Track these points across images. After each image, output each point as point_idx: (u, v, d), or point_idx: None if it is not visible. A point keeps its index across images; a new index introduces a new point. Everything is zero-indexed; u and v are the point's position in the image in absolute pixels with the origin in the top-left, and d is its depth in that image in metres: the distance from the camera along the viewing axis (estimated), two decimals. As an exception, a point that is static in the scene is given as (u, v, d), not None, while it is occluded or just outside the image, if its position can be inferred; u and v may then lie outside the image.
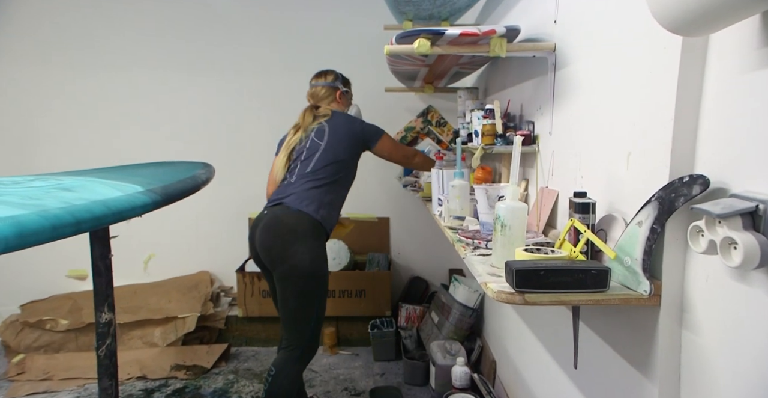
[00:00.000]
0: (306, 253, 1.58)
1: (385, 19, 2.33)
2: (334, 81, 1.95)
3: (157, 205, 1.03)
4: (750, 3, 0.53)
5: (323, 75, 1.97)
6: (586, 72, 1.17)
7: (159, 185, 1.14)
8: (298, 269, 1.57)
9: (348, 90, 2.01)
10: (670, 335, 0.82)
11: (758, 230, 0.61)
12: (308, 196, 1.69)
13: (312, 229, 1.63)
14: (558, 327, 1.37)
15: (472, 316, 2.29)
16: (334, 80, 1.96)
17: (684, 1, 0.59)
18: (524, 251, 0.96)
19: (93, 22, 2.69)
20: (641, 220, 0.84)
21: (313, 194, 1.70)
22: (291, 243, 1.59)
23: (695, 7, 0.58)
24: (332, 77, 1.96)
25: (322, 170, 1.75)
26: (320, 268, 1.62)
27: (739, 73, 0.69)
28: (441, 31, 1.31)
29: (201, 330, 2.54)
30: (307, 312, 1.59)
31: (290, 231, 1.61)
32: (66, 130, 2.76)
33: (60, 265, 2.74)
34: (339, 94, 1.96)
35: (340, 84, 1.96)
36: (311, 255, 1.59)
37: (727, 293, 0.70)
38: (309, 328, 1.60)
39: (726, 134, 0.72)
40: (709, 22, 0.59)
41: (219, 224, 2.85)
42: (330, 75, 1.96)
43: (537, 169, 1.52)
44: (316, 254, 1.61)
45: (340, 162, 1.78)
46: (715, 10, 0.56)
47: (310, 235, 1.62)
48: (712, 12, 0.56)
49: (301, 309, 1.59)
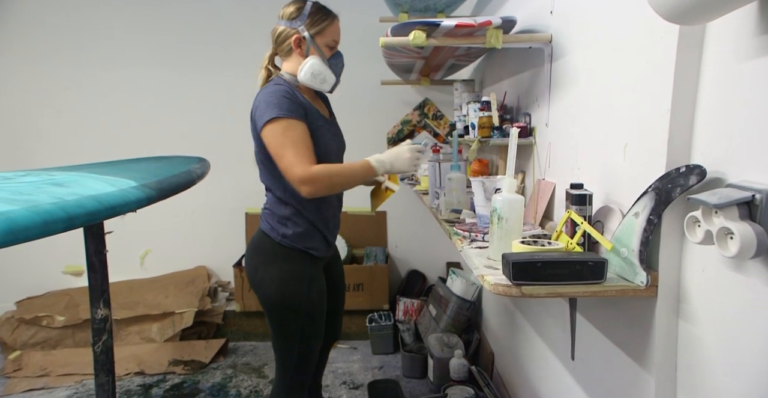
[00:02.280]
0: (270, 281, 1.28)
1: (380, 12, 2.31)
2: (291, 19, 1.25)
3: (151, 200, 1.02)
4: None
5: (286, 6, 1.28)
6: (583, 63, 1.16)
7: (153, 180, 1.13)
8: (267, 301, 1.30)
9: (315, 32, 1.24)
10: (667, 326, 0.82)
11: (755, 220, 0.61)
12: (265, 209, 1.35)
13: (277, 251, 1.29)
14: (555, 318, 1.37)
15: (469, 309, 2.30)
16: (291, 18, 1.25)
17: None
18: (521, 243, 0.96)
19: (88, 19, 2.66)
20: (638, 211, 0.84)
21: (265, 205, 1.36)
22: (254, 269, 1.32)
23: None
24: (292, 11, 1.25)
25: (262, 174, 1.33)
26: (292, 298, 1.27)
27: (736, 62, 0.68)
28: (437, 23, 1.30)
29: (199, 325, 2.54)
30: (287, 348, 1.31)
31: (255, 254, 1.33)
32: (62, 126, 2.74)
33: (56, 261, 2.73)
34: (294, 42, 1.25)
35: (300, 22, 1.24)
36: (277, 284, 1.27)
37: (723, 283, 0.70)
38: (291, 364, 1.31)
39: (723, 124, 0.71)
40: (706, 10, 0.58)
41: (216, 219, 2.84)
42: (291, 6, 1.27)
43: (534, 161, 1.51)
44: (283, 280, 1.28)
45: (264, 164, 1.29)
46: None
47: (274, 259, 1.29)
48: None
49: (281, 343, 1.32)
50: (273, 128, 1.17)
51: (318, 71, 1.25)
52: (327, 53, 1.29)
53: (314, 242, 1.32)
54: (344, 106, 2.12)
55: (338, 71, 1.33)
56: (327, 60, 1.28)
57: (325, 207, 1.34)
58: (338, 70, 1.33)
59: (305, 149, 1.17)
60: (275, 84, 1.25)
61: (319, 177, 1.15)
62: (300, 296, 1.28)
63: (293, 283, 1.28)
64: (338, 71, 1.33)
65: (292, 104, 1.19)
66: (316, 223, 1.32)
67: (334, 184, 1.20)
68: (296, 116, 1.19)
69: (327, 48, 1.29)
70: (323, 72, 1.27)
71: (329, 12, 1.30)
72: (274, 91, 1.21)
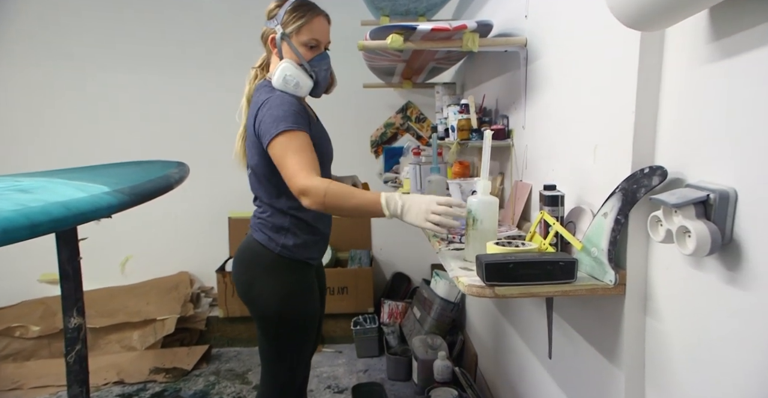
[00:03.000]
0: (270, 295, 1.23)
1: (362, 15, 2.32)
2: (270, 18, 1.21)
3: (124, 205, 1.01)
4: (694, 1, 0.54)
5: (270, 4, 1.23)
6: (555, 66, 1.18)
7: (128, 185, 1.12)
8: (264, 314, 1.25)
9: (291, 31, 1.17)
10: (635, 323, 0.84)
11: (710, 219, 0.62)
12: (258, 219, 1.28)
13: (277, 263, 1.24)
14: (533, 318, 1.39)
15: (453, 310, 2.31)
16: (270, 16, 1.21)
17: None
18: (496, 244, 0.97)
19: (69, 26, 2.62)
20: (606, 211, 0.86)
21: (259, 214, 1.28)
22: (250, 282, 1.26)
23: (647, 2, 0.59)
24: (272, 8, 1.21)
25: (257, 184, 1.26)
26: (293, 310, 1.24)
27: (691, 68, 0.70)
28: (413, 27, 1.31)
29: (181, 331, 2.51)
30: (279, 360, 1.27)
31: (250, 267, 1.27)
32: (44, 131, 2.69)
33: (31, 269, 2.67)
34: (271, 42, 1.21)
35: (277, 21, 1.18)
36: (278, 297, 1.23)
37: (684, 280, 0.72)
38: (281, 377, 1.28)
39: (682, 126, 0.74)
40: (661, 17, 0.60)
41: (198, 223, 2.82)
42: (272, 3, 1.22)
43: (512, 163, 1.53)
44: (285, 293, 1.23)
45: (258, 175, 1.23)
46: (665, 5, 0.57)
47: (273, 271, 1.24)
48: (663, 7, 0.57)
49: (273, 356, 1.27)
50: (281, 140, 1.10)
51: (290, 76, 1.16)
52: (306, 54, 1.19)
53: (314, 251, 1.30)
54: (327, 109, 2.11)
55: (321, 74, 1.22)
56: (307, 62, 1.19)
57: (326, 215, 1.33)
58: (321, 73, 1.22)
59: (309, 159, 1.10)
60: (268, 91, 1.18)
61: (319, 192, 1.04)
62: (300, 308, 1.25)
63: (295, 295, 1.24)
64: (321, 74, 1.22)
65: (298, 116, 1.14)
66: (324, 229, 1.31)
67: (332, 207, 1.06)
68: (303, 127, 1.14)
69: (305, 48, 1.18)
70: (296, 76, 1.17)
71: (309, 9, 1.19)
72: (281, 102, 1.14)
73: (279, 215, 1.23)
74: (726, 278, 0.63)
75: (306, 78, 1.19)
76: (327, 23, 1.24)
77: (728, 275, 0.63)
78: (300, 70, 1.18)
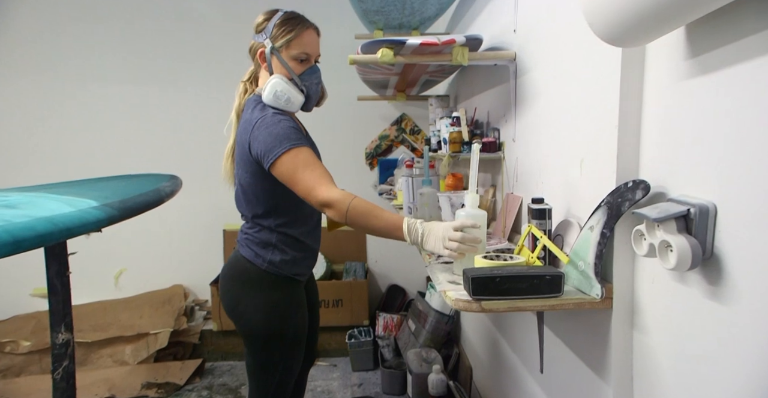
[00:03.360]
0: (256, 311, 1.21)
1: (356, 29, 2.35)
2: (259, 32, 1.19)
3: (113, 220, 1.00)
4: (667, 19, 0.55)
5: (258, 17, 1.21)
6: (543, 80, 1.20)
7: (117, 199, 1.12)
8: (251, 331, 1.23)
9: (280, 45, 1.15)
10: (623, 337, 0.83)
11: (691, 233, 0.63)
12: (245, 235, 1.27)
13: (263, 279, 1.22)
14: (526, 332, 1.38)
15: (448, 323, 2.29)
16: (259, 30, 1.19)
17: (614, 15, 0.61)
18: (483, 258, 0.97)
19: (62, 37, 2.64)
20: (593, 225, 0.86)
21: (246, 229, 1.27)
22: (236, 298, 1.24)
23: (623, 19, 0.60)
24: (260, 22, 1.19)
25: (244, 201, 1.26)
26: (280, 327, 1.22)
27: (671, 83, 0.71)
28: (402, 41, 1.33)
29: (174, 345, 2.48)
30: (266, 376, 1.25)
31: (236, 283, 1.25)
32: (38, 145, 2.69)
33: (23, 284, 2.64)
34: (260, 57, 1.19)
35: (266, 35, 1.16)
36: (264, 313, 1.21)
37: (669, 294, 0.72)
38: (269, 393, 1.26)
39: (663, 141, 0.74)
40: (637, 34, 0.61)
41: (193, 236, 2.81)
42: (261, 17, 1.20)
43: (503, 175, 1.54)
44: (272, 309, 1.22)
45: (247, 192, 1.22)
46: (638, 22, 0.58)
47: (259, 287, 1.22)
48: (637, 24, 0.58)
49: (260, 372, 1.26)
50: (287, 158, 1.08)
51: (281, 91, 1.14)
52: (297, 68, 1.17)
53: (302, 267, 1.27)
54: (322, 121, 2.13)
55: (312, 88, 1.21)
56: (297, 76, 1.18)
57: (316, 226, 1.31)
58: (312, 87, 1.21)
59: (323, 172, 1.09)
60: (260, 108, 1.16)
61: (344, 204, 1.03)
62: (287, 324, 1.22)
63: (282, 312, 1.22)
64: (312, 88, 1.21)
65: (298, 133, 1.13)
66: (312, 244, 1.29)
67: (354, 221, 1.04)
68: (305, 143, 1.12)
69: (295, 62, 1.17)
70: (287, 92, 1.15)
71: (298, 22, 1.17)
72: (277, 121, 1.12)
73: (266, 232, 1.22)
74: (708, 293, 0.63)
75: (297, 93, 1.18)
76: (317, 36, 1.22)
77: (710, 289, 0.63)
78: (290, 86, 1.16)
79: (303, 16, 1.22)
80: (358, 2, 1.94)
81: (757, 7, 0.56)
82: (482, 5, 1.76)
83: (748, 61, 0.57)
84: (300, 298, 1.28)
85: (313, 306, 1.46)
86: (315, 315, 1.50)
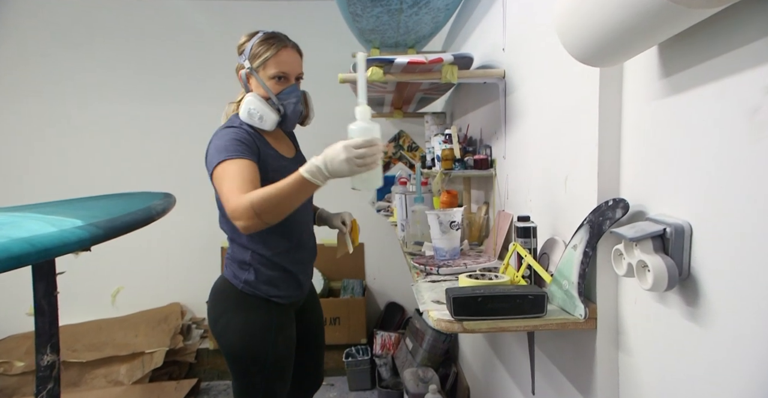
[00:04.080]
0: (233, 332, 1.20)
1: (353, 46, 2.38)
2: (240, 53, 1.22)
3: (97, 239, 1.00)
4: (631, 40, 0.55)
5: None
6: (529, 98, 1.20)
7: (104, 218, 1.12)
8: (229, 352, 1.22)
9: (257, 65, 1.18)
10: (608, 358, 0.81)
11: (667, 253, 0.62)
12: (227, 255, 1.28)
13: (240, 299, 1.21)
14: (518, 352, 1.35)
15: (445, 342, 2.26)
16: (240, 52, 1.22)
17: (582, 36, 0.62)
18: (468, 277, 0.96)
19: (57, 56, 2.69)
20: (576, 243, 0.85)
21: (229, 251, 1.27)
22: (216, 318, 1.24)
23: (590, 41, 0.60)
24: (241, 43, 1.22)
25: (220, 220, 1.26)
26: (257, 349, 1.19)
27: (647, 102, 0.71)
28: (391, 60, 1.35)
29: (170, 365, 2.46)
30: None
31: (216, 302, 1.25)
32: (32, 162, 2.73)
33: (19, 302, 2.60)
34: (239, 77, 1.23)
35: (245, 57, 1.19)
36: (239, 334, 1.19)
37: (651, 314, 0.70)
38: None
39: (642, 159, 0.74)
40: (607, 55, 0.61)
41: (191, 254, 2.81)
42: (242, 38, 1.23)
43: (495, 192, 1.53)
44: (246, 331, 1.19)
45: (221, 210, 1.22)
46: (607, 44, 0.58)
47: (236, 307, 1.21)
48: (606, 46, 0.59)
49: (242, 393, 1.24)
50: (218, 171, 1.09)
51: (254, 109, 1.16)
52: (274, 87, 1.18)
53: (281, 289, 1.23)
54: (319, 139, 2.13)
55: (290, 107, 1.21)
56: (275, 95, 1.18)
57: (295, 247, 1.25)
58: (290, 106, 1.21)
59: (240, 182, 1.05)
60: (227, 126, 1.19)
61: (246, 207, 0.99)
62: (265, 347, 1.19)
63: (258, 334, 1.19)
64: (290, 107, 1.21)
65: (240, 145, 1.12)
66: (288, 265, 1.24)
67: (264, 211, 0.99)
68: (244, 156, 1.11)
69: (273, 81, 1.18)
70: (260, 110, 1.16)
71: (274, 42, 1.18)
72: (224, 133, 1.15)
73: (241, 251, 1.22)
74: (686, 314, 0.62)
75: (270, 112, 1.18)
76: (297, 55, 1.22)
77: (689, 310, 0.62)
78: (264, 104, 1.17)
79: (283, 35, 1.22)
80: (354, 22, 1.98)
81: (725, 28, 0.56)
82: (474, 24, 1.79)
83: (717, 81, 0.57)
84: (281, 321, 1.24)
85: (310, 328, 1.42)
86: (314, 336, 1.45)
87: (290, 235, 1.24)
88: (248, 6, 2.73)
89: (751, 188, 0.52)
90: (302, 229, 1.29)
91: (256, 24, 2.62)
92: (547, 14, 1.05)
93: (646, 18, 0.50)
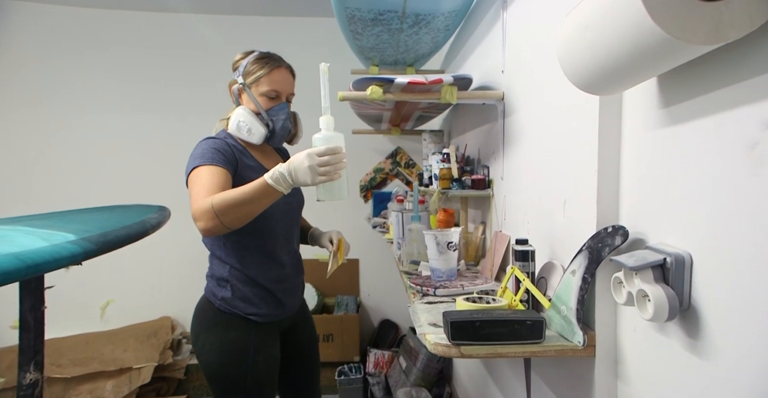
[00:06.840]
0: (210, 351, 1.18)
1: (352, 64, 2.40)
2: (234, 69, 1.26)
3: (89, 255, 0.98)
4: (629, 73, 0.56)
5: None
6: (528, 121, 1.21)
7: (98, 232, 1.11)
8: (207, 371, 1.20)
9: (251, 82, 1.21)
10: (606, 386, 0.80)
11: (668, 283, 0.61)
12: (207, 272, 1.26)
13: (218, 318, 1.19)
14: (515, 375, 1.33)
15: (440, 361, 2.22)
16: (234, 68, 1.26)
17: (584, 66, 0.62)
18: (465, 300, 0.94)
19: (55, 66, 2.69)
20: (575, 269, 0.84)
21: (209, 267, 1.26)
22: (195, 336, 1.22)
23: (592, 71, 0.61)
24: (236, 60, 1.27)
25: None
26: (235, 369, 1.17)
27: (646, 131, 0.72)
28: (391, 79, 1.36)
29: (158, 381, 2.40)
30: None
31: (196, 320, 1.24)
32: (28, 174, 2.71)
33: (2, 315, 2.50)
34: (232, 92, 1.27)
35: (239, 73, 1.23)
36: (217, 353, 1.17)
37: (650, 344, 0.69)
38: None
39: (641, 187, 0.74)
40: (607, 85, 0.62)
41: (183, 267, 2.77)
42: (238, 55, 1.27)
43: (492, 213, 1.53)
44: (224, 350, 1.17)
45: None
46: (608, 75, 0.58)
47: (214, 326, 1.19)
48: (607, 77, 0.59)
49: None
50: (191, 176, 1.11)
51: (243, 122, 1.19)
52: (265, 104, 1.21)
53: (259, 306, 1.20)
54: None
55: (279, 123, 1.22)
56: (265, 111, 1.20)
57: (272, 264, 1.23)
58: (279, 123, 1.22)
59: (209, 186, 1.05)
60: (209, 137, 1.21)
61: (206, 208, 0.99)
62: (244, 367, 1.16)
63: (235, 353, 1.16)
64: (279, 123, 1.22)
65: (216, 154, 1.13)
66: (265, 283, 1.21)
67: (224, 212, 0.99)
68: (218, 163, 1.12)
69: (264, 98, 1.21)
70: (249, 123, 1.19)
71: (269, 61, 1.22)
72: (204, 143, 1.17)
73: (220, 265, 1.21)
74: (687, 346, 0.61)
75: (259, 125, 1.20)
76: (289, 75, 1.26)
77: (689, 342, 0.61)
78: (253, 117, 1.20)
79: (278, 56, 1.26)
80: (354, 39, 2.00)
81: (725, 63, 0.57)
82: (474, 45, 1.81)
83: (716, 114, 0.58)
84: (261, 341, 1.20)
85: (300, 346, 1.38)
86: (307, 354, 1.41)
87: (264, 250, 1.22)
88: (248, 21, 2.76)
89: (750, 222, 0.52)
90: (279, 245, 1.25)
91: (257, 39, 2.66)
92: (547, 38, 1.06)
93: (647, 52, 0.50)
